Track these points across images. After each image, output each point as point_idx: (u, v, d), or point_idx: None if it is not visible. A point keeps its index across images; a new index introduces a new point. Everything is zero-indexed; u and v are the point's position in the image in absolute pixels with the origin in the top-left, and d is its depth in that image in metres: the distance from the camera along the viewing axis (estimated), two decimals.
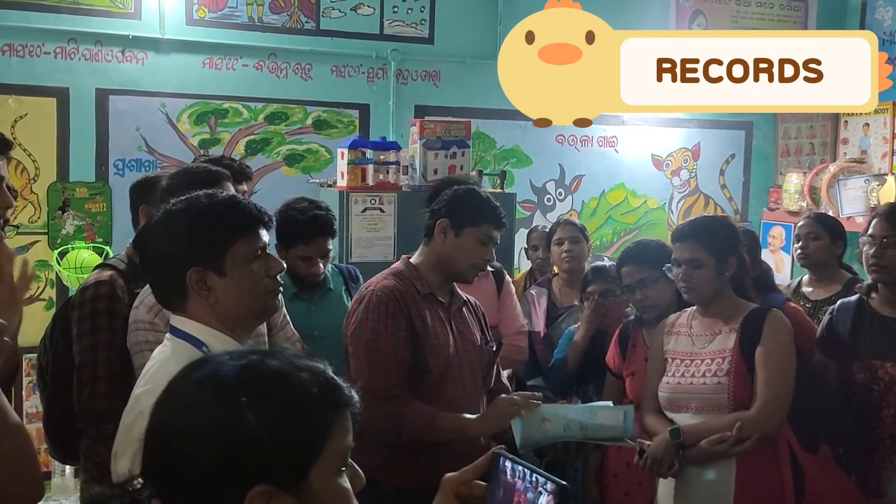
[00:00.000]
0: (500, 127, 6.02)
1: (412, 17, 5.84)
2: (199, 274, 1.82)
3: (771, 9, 6.65)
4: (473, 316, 3.01)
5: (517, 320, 3.81)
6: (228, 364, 1.18)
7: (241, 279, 1.84)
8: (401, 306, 2.78)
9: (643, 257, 3.25)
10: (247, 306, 1.88)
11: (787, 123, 6.74)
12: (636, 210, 6.48)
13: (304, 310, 3.43)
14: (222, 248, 1.83)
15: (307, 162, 5.69)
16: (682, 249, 2.92)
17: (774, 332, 2.81)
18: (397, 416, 2.70)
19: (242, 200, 1.94)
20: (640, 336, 3.30)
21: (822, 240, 4.03)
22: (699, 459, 2.79)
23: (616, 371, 3.35)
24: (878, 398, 2.98)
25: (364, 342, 2.75)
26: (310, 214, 3.40)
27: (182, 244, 1.84)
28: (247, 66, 5.52)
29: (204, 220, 1.85)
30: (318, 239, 3.43)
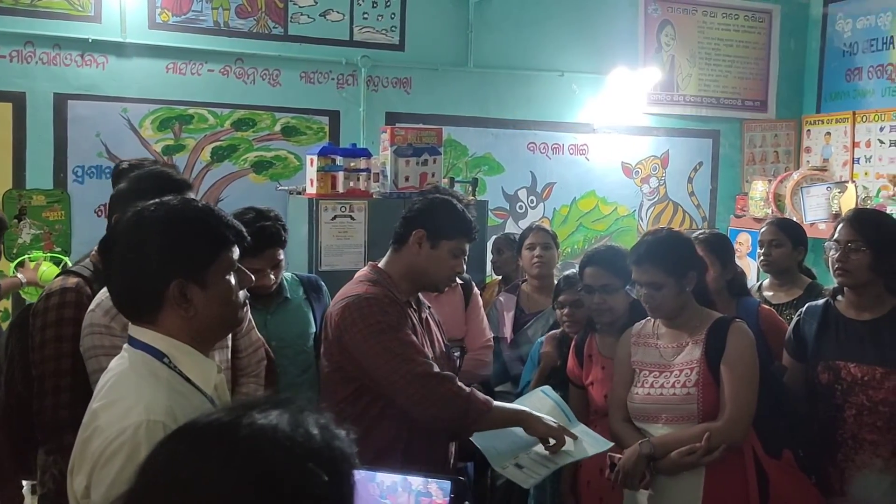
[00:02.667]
0: (472, 134, 5.80)
1: (383, 24, 5.53)
2: (181, 286, 1.69)
3: (736, 20, 6.52)
4: (434, 322, 2.95)
5: (483, 334, 3.67)
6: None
7: (220, 292, 1.74)
8: (397, 309, 2.68)
9: (612, 264, 3.16)
10: (222, 319, 1.79)
11: (752, 132, 6.65)
12: (607, 217, 6.28)
13: (260, 320, 3.22)
14: (209, 260, 1.72)
15: (275, 169, 5.34)
16: (641, 273, 2.88)
17: (738, 342, 2.79)
18: (464, 394, 2.59)
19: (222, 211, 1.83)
20: (594, 345, 3.24)
21: (784, 246, 4.00)
22: (670, 470, 2.75)
23: (578, 382, 3.26)
24: (840, 398, 2.97)
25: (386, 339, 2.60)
26: (256, 226, 3.12)
27: (166, 254, 1.69)
28: (212, 71, 5.16)
29: (192, 230, 1.73)
30: (266, 251, 3.19)
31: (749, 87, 6.52)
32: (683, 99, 6.34)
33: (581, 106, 6.01)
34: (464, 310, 3.62)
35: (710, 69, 6.40)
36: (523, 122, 5.88)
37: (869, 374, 2.91)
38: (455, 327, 3.51)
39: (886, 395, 2.88)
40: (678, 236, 3.04)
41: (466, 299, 3.65)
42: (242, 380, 2.90)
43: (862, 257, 2.94)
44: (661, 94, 6.23)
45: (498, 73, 5.76)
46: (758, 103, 6.56)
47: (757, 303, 3.54)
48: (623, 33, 6.08)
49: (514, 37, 5.79)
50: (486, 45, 5.71)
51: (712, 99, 6.43)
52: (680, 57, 6.28)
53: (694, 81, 6.34)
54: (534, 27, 5.82)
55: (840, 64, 6.33)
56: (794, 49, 6.58)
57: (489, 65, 5.73)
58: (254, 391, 2.93)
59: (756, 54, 6.51)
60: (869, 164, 6.04)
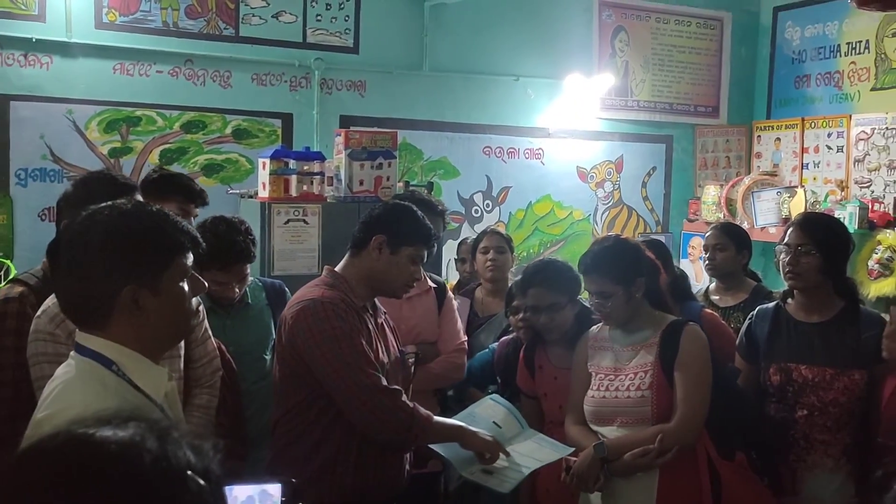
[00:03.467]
0: (427, 138, 5.76)
1: (336, 26, 5.47)
2: (134, 293, 1.64)
3: (688, 27, 6.60)
4: (389, 327, 2.92)
5: (457, 337, 3.62)
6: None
7: (173, 299, 1.71)
8: (353, 315, 2.66)
9: (554, 282, 3.15)
10: (175, 327, 1.77)
11: (704, 137, 6.73)
12: (562, 221, 6.29)
13: (220, 325, 3.23)
14: (163, 266, 1.68)
15: (226, 172, 5.23)
16: (590, 283, 2.93)
17: (691, 345, 2.82)
18: (409, 409, 2.61)
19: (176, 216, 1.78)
20: (545, 356, 3.23)
21: (728, 250, 4.05)
22: (623, 472, 2.77)
23: (529, 393, 3.25)
24: (792, 399, 3.02)
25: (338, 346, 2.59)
26: (228, 240, 3.13)
27: (118, 260, 1.64)
28: (161, 72, 5.04)
29: (146, 235, 1.68)
30: (234, 266, 3.19)
31: (701, 93, 6.61)
32: (637, 104, 6.39)
33: (536, 110, 6.03)
34: (437, 313, 3.60)
35: (663, 75, 6.46)
36: (479, 126, 5.87)
37: (819, 375, 2.97)
38: (428, 330, 3.52)
39: (836, 395, 2.95)
40: (625, 244, 3.05)
41: (440, 302, 3.63)
42: (196, 390, 2.88)
43: (812, 260, 3.00)
44: (615, 99, 6.27)
45: (453, 77, 5.75)
46: (710, 109, 6.65)
47: (700, 306, 3.58)
48: (578, 39, 6.11)
49: (470, 41, 5.78)
50: (441, 49, 5.70)
51: (665, 104, 6.49)
52: (634, 63, 6.33)
53: (647, 87, 6.40)
54: (489, 32, 5.82)
55: (789, 71, 6.46)
56: (744, 56, 6.69)
57: (444, 68, 5.72)
58: (207, 402, 2.91)
59: (708, 61, 6.60)
60: (817, 169, 6.17)
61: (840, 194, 5.90)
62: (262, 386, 3.23)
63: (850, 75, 5.99)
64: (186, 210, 3.49)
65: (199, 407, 2.87)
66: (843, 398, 2.94)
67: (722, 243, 4.04)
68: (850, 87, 5.99)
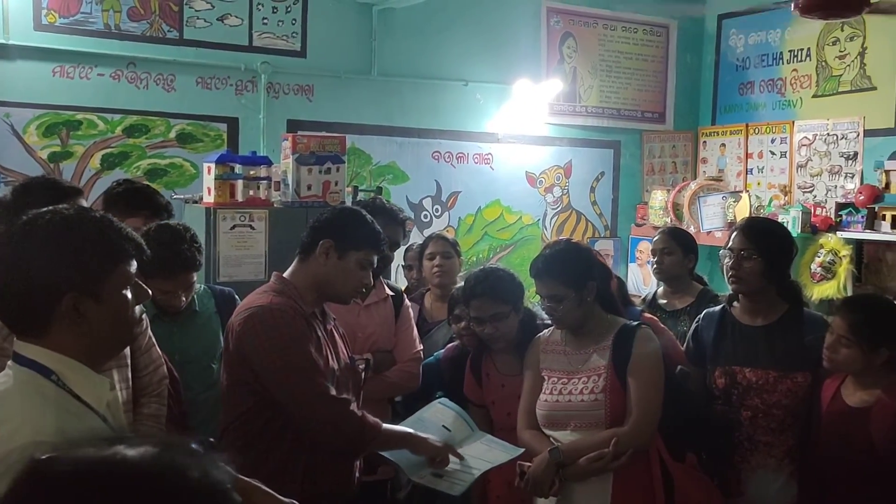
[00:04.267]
0: (376, 143, 5.76)
1: (283, 30, 5.44)
2: (75, 300, 1.60)
3: (635, 33, 6.69)
4: (339, 333, 2.90)
5: (413, 346, 3.59)
6: None
7: (116, 307, 1.67)
8: (301, 322, 2.64)
9: (497, 291, 3.14)
10: (117, 336, 1.73)
11: (651, 143, 6.82)
12: (511, 226, 6.33)
13: (166, 333, 3.16)
14: (106, 273, 1.65)
15: (170, 177, 5.17)
16: (541, 286, 2.92)
17: (643, 348, 2.84)
18: (357, 418, 2.61)
19: (120, 223, 1.75)
20: (491, 364, 3.23)
21: (675, 254, 4.09)
22: (578, 477, 2.79)
23: (477, 401, 3.24)
24: (737, 402, 3.06)
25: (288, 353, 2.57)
26: (173, 249, 3.07)
27: (60, 266, 1.61)
28: (102, 75, 4.97)
29: (89, 241, 1.64)
30: (179, 275, 3.13)
31: (648, 99, 6.70)
32: (585, 110, 6.46)
33: (485, 115, 6.07)
34: (394, 321, 3.57)
35: (610, 81, 6.54)
36: (428, 130, 5.89)
37: (763, 378, 3.01)
38: (385, 338, 3.51)
39: (780, 397, 3.00)
40: (576, 248, 3.06)
41: (397, 311, 3.60)
42: (143, 400, 2.83)
43: (754, 265, 3.04)
44: (563, 104, 6.34)
45: (402, 82, 5.76)
46: (656, 115, 6.74)
47: (639, 311, 3.60)
48: (526, 44, 6.16)
49: (419, 46, 5.80)
50: (390, 54, 5.71)
51: (613, 110, 6.56)
52: (582, 69, 6.40)
53: (595, 93, 6.47)
54: (438, 36, 5.85)
55: (734, 78, 6.59)
56: (690, 63, 6.80)
57: (393, 73, 5.73)
58: (156, 411, 2.87)
59: (655, 67, 6.69)
60: (761, 174, 6.30)
61: (783, 199, 6.03)
62: (209, 395, 3.17)
63: (793, 82, 6.14)
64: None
65: (148, 416, 2.84)
66: (787, 400, 2.99)
67: (669, 247, 4.08)
68: (793, 94, 6.14)
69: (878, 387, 2.83)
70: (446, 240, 4.23)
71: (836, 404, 2.89)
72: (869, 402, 2.81)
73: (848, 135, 5.74)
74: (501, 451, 2.83)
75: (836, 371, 2.93)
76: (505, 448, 2.84)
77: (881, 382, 2.83)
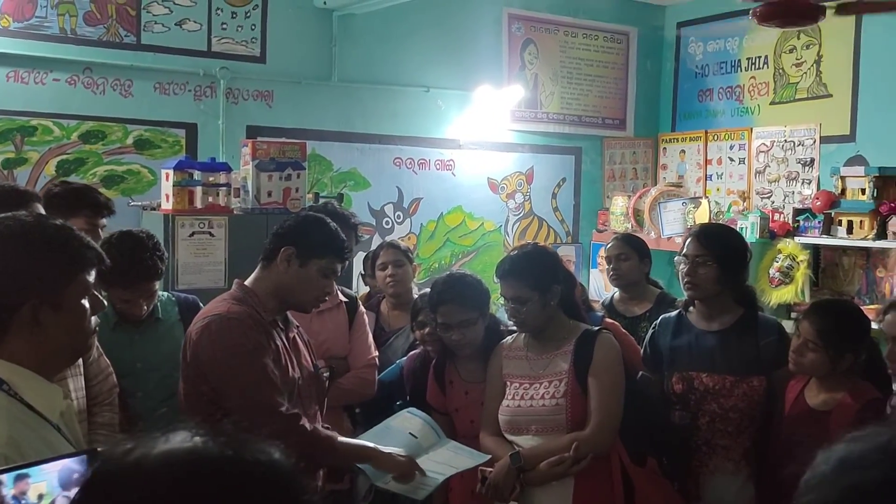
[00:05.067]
0: (337, 149, 5.77)
1: (242, 35, 5.45)
2: (34, 308, 1.61)
3: (596, 40, 6.77)
4: (303, 341, 2.91)
5: (368, 352, 3.61)
6: None
7: (74, 317, 1.68)
8: (259, 331, 2.64)
9: (465, 298, 3.15)
10: (72, 345, 1.73)
11: (612, 149, 6.91)
12: (473, 232, 6.37)
13: (127, 340, 3.20)
14: (65, 281, 1.66)
15: (128, 184, 5.13)
16: (506, 288, 2.95)
17: (604, 353, 2.89)
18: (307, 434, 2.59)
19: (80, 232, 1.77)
20: (455, 371, 3.25)
21: (631, 259, 4.15)
22: (539, 481, 2.82)
23: (440, 409, 3.25)
24: (695, 407, 3.10)
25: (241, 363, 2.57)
26: (134, 258, 3.07)
27: (21, 273, 1.62)
28: (58, 80, 4.93)
29: (51, 249, 1.65)
30: (141, 284, 3.13)
31: (609, 105, 6.78)
32: (547, 116, 6.52)
33: (447, 122, 6.11)
34: (348, 328, 3.59)
35: (571, 88, 6.61)
36: (389, 137, 5.92)
37: (720, 383, 3.07)
38: (339, 346, 3.52)
39: (736, 401, 3.06)
40: (542, 251, 3.13)
41: (351, 318, 3.61)
42: (96, 409, 2.85)
43: (709, 271, 3.09)
44: (525, 111, 6.39)
45: (363, 88, 5.79)
46: (617, 121, 6.83)
47: (600, 317, 3.63)
48: (488, 51, 6.22)
49: (380, 52, 5.83)
50: (350, 60, 5.73)
51: (574, 117, 6.64)
52: (543, 75, 6.48)
53: (556, 99, 6.55)
54: (399, 42, 5.88)
55: (693, 85, 6.71)
56: (650, 70, 6.91)
57: (354, 79, 5.75)
58: (110, 420, 2.88)
59: (615, 74, 6.79)
60: (720, 180, 6.42)
61: (742, 205, 6.12)
62: (171, 403, 3.13)
63: (751, 89, 6.27)
64: (94, 224, 3.44)
65: (102, 425, 2.85)
66: (743, 404, 3.05)
67: (625, 253, 4.14)
68: (751, 101, 6.27)
69: (841, 389, 2.89)
70: (397, 248, 4.21)
71: (799, 406, 2.96)
72: (831, 404, 2.87)
73: (805, 141, 5.87)
74: (467, 457, 2.85)
75: (802, 374, 2.98)
76: (471, 454, 2.86)
77: (844, 385, 2.89)
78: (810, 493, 0.96)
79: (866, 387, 2.90)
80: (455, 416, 3.19)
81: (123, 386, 3.13)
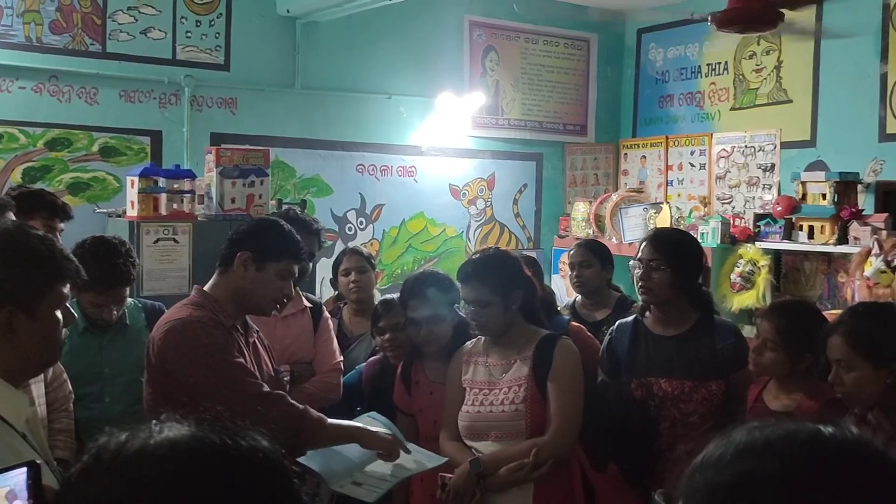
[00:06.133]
0: (300, 156, 5.94)
1: (207, 43, 5.65)
2: (10, 314, 1.67)
3: (557, 47, 6.96)
4: (263, 346, 2.97)
5: (332, 357, 3.68)
6: None
7: (47, 326, 1.73)
8: (223, 332, 2.71)
9: (432, 293, 3.24)
10: (43, 354, 1.78)
11: (573, 155, 7.08)
12: (435, 238, 6.52)
13: (95, 346, 3.31)
14: (43, 290, 1.72)
15: (93, 191, 5.31)
16: (468, 291, 3.02)
17: (564, 359, 2.95)
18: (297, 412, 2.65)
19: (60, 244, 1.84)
20: (421, 370, 3.31)
21: (593, 266, 4.24)
22: (499, 487, 2.88)
23: (406, 410, 3.32)
24: (654, 412, 3.15)
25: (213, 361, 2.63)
26: (108, 263, 3.19)
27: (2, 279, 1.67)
28: (24, 88, 5.12)
29: (32, 258, 1.71)
30: (113, 288, 3.26)
31: (570, 111, 6.96)
32: (508, 123, 6.69)
33: (409, 128, 6.28)
34: (312, 333, 3.65)
35: (532, 94, 6.79)
36: (352, 143, 6.09)
37: (679, 388, 3.12)
38: (303, 350, 3.60)
39: (696, 406, 3.10)
40: (505, 256, 3.20)
41: (315, 322, 3.68)
42: (53, 415, 2.91)
43: (663, 275, 3.14)
44: (486, 117, 6.56)
45: (326, 95, 5.96)
46: (578, 127, 7.00)
47: (567, 321, 3.70)
48: (449, 58, 6.40)
49: (342, 59, 6.01)
50: (313, 67, 5.92)
51: (535, 123, 6.81)
52: (504, 82, 6.65)
53: (517, 106, 6.72)
54: (361, 50, 6.07)
55: (653, 91, 6.89)
56: (610, 76, 7.10)
57: (317, 86, 5.93)
58: (67, 426, 2.95)
59: (576, 80, 6.97)
60: (682, 185, 6.60)
61: (703, 210, 6.28)
62: (138, 409, 3.16)
63: (711, 95, 6.45)
64: (51, 226, 3.56)
65: (60, 431, 2.92)
66: (703, 409, 3.08)
67: (587, 260, 4.23)
68: (711, 107, 6.45)
69: (800, 391, 2.93)
70: (360, 254, 4.30)
71: (758, 409, 2.98)
72: (790, 406, 2.90)
73: (765, 147, 6.02)
74: (425, 460, 2.89)
75: (761, 374, 3.02)
76: (429, 457, 2.91)
77: (803, 386, 2.93)
78: (705, 471, 0.98)
79: (824, 387, 2.86)
80: (419, 416, 3.25)
81: (91, 391, 3.27)
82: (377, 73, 6.11)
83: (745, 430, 0.98)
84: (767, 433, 0.96)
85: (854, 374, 2.56)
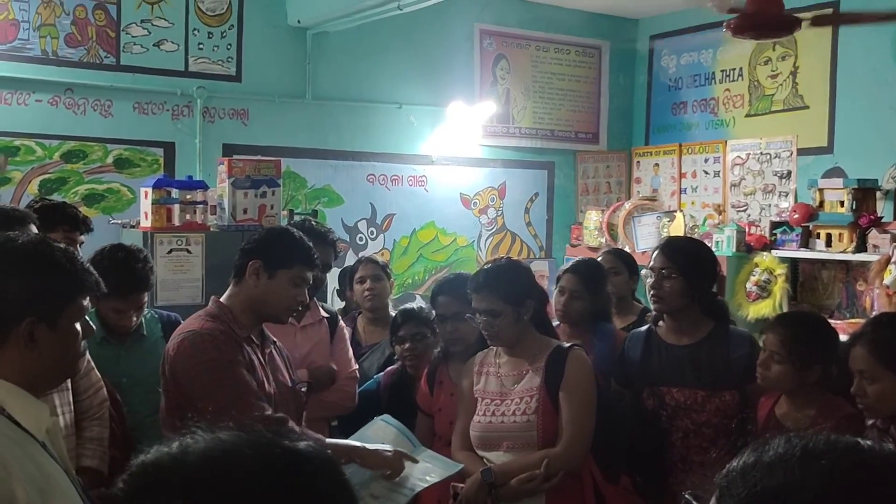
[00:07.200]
0: (311, 166, 6.13)
1: (218, 55, 5.88)
2: (32, 325, 1.75)
3: (568, 55, 7.11)
4: (281, 357, 3.06)
5: (349, 365, 3.79)
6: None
7: (67, 337, 1.81)
8: (233, 346, 2.80)
9: (461, 291, 3.27)
10: (63, 365, 1.86)
11: (585, 163, 7.22)
12: (446, 248, 6.69)
13: (113, 356, 3.41)
14: (64, 302, 1.80)
15: (108, 202, 5.53)
16: (480, 300, 3.06)
17: (576, 370, 3.00)
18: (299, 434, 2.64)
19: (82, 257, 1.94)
20: (446, 371, 3.41)
21: (622, 274, 4.30)
22: (510, 497, 2.93)
23: (427, 410, 3.42)
24: (667, 423, 3.19)
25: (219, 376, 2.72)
26: (127, 268, 3.32)
27: (26, 290, 1.75)
28: (40, 101, 5.36)
29: (56, 270, 1.80)
30: (133, 294, 3.38)
31: (581, 119, 7.11)
32: (519, 131, 6.86)
33: (419, 138, 6.46)
34: (329, 343, 3.75)
35: (543, 102, 6.95)
36: (362, 153, 6.28)
37: (691, 398, 3.17)
38: (321, 359, 3.69)
39: (709, 417, 3.14)
40: (517, 265, 3.26)
41: (332, 332, 3.77)
42: (85, 423, 3.02)
43: (675, 284, 3.19)
44: (497, 126, 6.73)
45: (336, 105, 6.16)
46: (590, 135, 7.15)
47: (613, 328, 3.77)
48: (459, 67, 6.58)
49: (353, 69, 6.22)
50: (324, 77, 6.12)
51: (546, 131, 6.96)
52: (515, 90, 6.82)
53: (528, 114, 6.88)
54: (372, 60, 6.26)
55: (666, 98, 7.04)
56: (623, 83, 7.25)
57: (327, 96, 6.14)
58: (99, 434, 3.05)
59: (587, 88, 7.13)
60: (695, 193, 6.72)
61: (718, 218, 6.36)
62: (156, 419, 3.23)
63: (725, 102, 6.57)
64: (72, 238, 3.72)
65: (90, 440, 3.01)
66: (716, 419, 3.13)
67: (616, 267, 4.26)
68: (726, 114, 6.57)
69: (812, 407, 2.94)
70: (376, 263, 4.42)
71: (770, 424, 2.99)
72: (803, 422, 2.88)
73: (781, 153, 6.11)
74: (441, 468, 2.94)
75: (769, 388, 3.05)
76: (445, 465, 2.96)
77: (815, 402, 2.94)
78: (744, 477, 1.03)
79: (839, 403, 2.91)
80: (437, 416, 3.34)
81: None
82: (387, 82, 6.29)
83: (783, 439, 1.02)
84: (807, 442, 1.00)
85: (877, 385, 2.58)
